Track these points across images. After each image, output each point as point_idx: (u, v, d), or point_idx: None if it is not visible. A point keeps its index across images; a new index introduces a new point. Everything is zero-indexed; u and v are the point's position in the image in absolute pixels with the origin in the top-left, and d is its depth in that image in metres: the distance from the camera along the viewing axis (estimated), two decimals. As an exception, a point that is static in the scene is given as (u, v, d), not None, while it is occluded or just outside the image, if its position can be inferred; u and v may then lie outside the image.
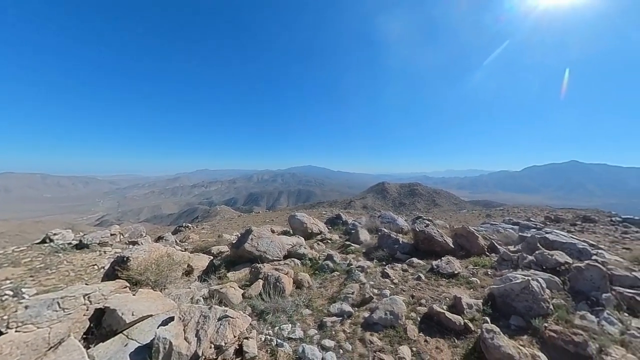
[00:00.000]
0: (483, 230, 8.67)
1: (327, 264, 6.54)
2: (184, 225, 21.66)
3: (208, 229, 19.80)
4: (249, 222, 20.95)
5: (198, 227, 20.97)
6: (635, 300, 4.05)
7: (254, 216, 28.67)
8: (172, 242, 13.07)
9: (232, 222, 24.72)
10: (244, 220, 24.19)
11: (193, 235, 15.87)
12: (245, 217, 28.74)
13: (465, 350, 3.41)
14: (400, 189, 55.38)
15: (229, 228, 19.87)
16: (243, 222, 22.62)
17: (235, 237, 11.99)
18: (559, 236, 6.22)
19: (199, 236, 16.11)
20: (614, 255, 5.70)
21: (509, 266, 5.32)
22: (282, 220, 20.04)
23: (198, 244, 12.16)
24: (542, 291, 4.03)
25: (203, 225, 22.36)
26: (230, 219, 29.82)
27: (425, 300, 4.54)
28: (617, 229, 9.74)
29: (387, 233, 7.57)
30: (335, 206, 41.64)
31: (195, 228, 20.61)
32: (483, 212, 23.77)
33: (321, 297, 5.16)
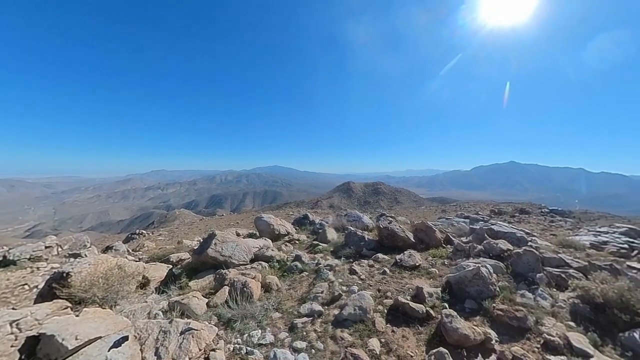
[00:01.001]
0: (439, 224, 9.39)
1: (296, 265, 6.48)
2: (138, 232, 19.74)
3: (166, 235, 18.32)
4: (212, 226, 19.87)
5: (154, 234, 19.29)
6: (561, 277, 4.72)
7: (217, 219, 27.25)
8: (124, 251, 11.81)
9: (193, 226, 23.22)
10: (207, 224, 22.86)
11: (148, 243, 14.53)
12: (207, 220, 27.16)
13: (428, 336, 3.64)
14: (365, 188, 57.52)
15: (190, 233, 18.62)
16: (205, 226, 21.36)
17: (197, 243, 11.28)
18: (501, 227, 7.02)
19: (155, 244, 14.81)
20: (544, 241, 6.60)
21: (462, 256, 5.82)
22: (248, 222, 19.39)
23: (154, 253, 11.16)
24: (490, 276, 4.48)
25: (160, 232, 20.63)
26: (190, 223, 27.97)
27: (390, 293, 4.74)
28: (545, 219, 11.30)
29: (353, 231, 7.77)
30: (302, 206, 41.58)
31: (151, 235, 18.92)
32: (439, 208, 25.76)
33: (291, 299, 5.10)
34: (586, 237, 8.07)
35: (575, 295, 4.20)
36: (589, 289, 4.07)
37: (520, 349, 3.24)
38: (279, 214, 21.73)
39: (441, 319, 3.64)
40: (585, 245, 7.11)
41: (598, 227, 9.44)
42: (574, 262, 5.37)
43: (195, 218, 39.45)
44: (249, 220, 20.49)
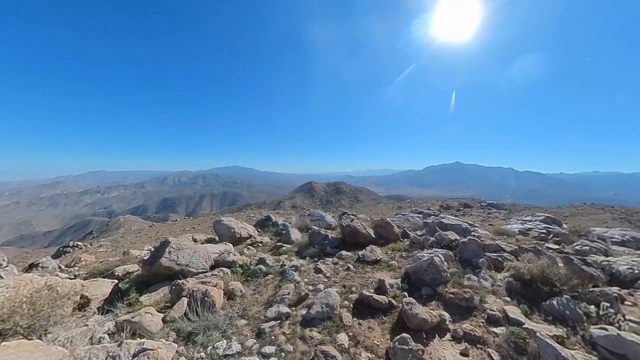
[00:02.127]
0: (397, 220, 10.03)
1: (260, 268, 6.31)
2: (72, 245, 17.10)
3: (108, 247, 16.22)
4: (165, 233, 18.21)
5: (94, 245, 16.92)
6: (498, 260, 5.42)
7: (170, 225, 25.01)
8: (54, 268, 10.13)
9: (141, 234, 20.97)
10: (158, 231, 20.85)
11: (87, 257, 12.68)
12: (159, 227, 24.73)
13: (392, 324, 3.86)
14: (327, 188, 58.50)
15: (138, 242, 16.78)
16: (157, 234, 19.46)
17: (148, 252, 10.22)
18: (450, 220, 7.79)
19: (95, 257, 13.00)
20: (484, 230, 7.51)
21: (418, 247, 6.30)
22: (206, 226, 18.21)
23: (95, 267, 9.79)
24: (442, 264, 4.93)
25: (101, 242, 18.19)
26: (139, 230, 25.21)
27: (355, 288, 4.91)
28: (484, 211, 12.91)
29: (317, 230, 7.84)
30: (264, 207, 40.55)
31: (90, 247, 16.57)
32: (396, 205, 27.49)
33: (256, 304, 4.95)
34: (515, 225, 9.41)
35: (509, 274, 4.87)
36: (519, 268, 4.75)
37: (469, 325, 3.65)
38: (240, 216, 20.88)
39: (402, 307, 3.89)
40: (515, 232, 8.29)
41: (524, 216, 11.09)
42: (507, 246, 6.21)
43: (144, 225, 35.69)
44: (207, 224, 19.25)
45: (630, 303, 4.60)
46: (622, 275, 5.43)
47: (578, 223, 12.84)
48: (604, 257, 6.54)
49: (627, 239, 8.41)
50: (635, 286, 5.22)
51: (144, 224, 36.81)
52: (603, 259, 6.29)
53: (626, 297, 4.73)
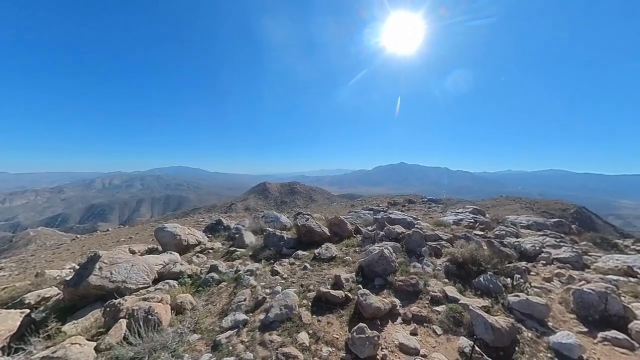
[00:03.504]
0: (350, 217, 10.51)
1: (212, 277, 5.94)
2: (-45, 274, 13.44)
3: (13, 268, 13.22)
4: (94, 246, 15.61)
5: (-11, 271, 13.59)
6: (437, 248, 6.12)
7: (100, 236, 21.48)
8: None
9: (61, 250, 17.58)
10: (84, 245, 17.74)
11: (-21, 286, 10.15)
12: (85, 239, 20.99)
13: (349, 316, 4.05)
14: (281, 188, 57.62)
15: (57, 260, 14.06)
16: (82, 248, 16.53)
17: (71, 271, 8.71)
18: (397, 215, 8.49)
19: (-7, 284, 10.48)
20: (425, 223, 8.38)
21: (370, 242, 6.71)
22: (146, 235, 16.20)
23: (-6, 297, 7.91)
24: (391, 255, 5.35)
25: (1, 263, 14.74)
26: (57, 246, 21.09)
27: (313, 286, 4.99)
28: (425, 206, 14.44)
29: (272, 232, 7.72)
30: (214, 211, 37.97)
31: (-17, 273, 13.26)
32: (348, 203, 28.62)
33: (210, 315, 4.66)
34: (450, 217, 10.72)
35: (446, 259, 5.55)
36: (454, 253, 5.46)
37: (417, 307, 4.06)
38: (187, 221, 19.16)
39: (358, 299, 4.11)
40: (450, 223, 9.45)
41: (457, 209, 12.72)
42: (444, 235, 7.05)
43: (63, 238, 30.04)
44: (147, 233, 17.15)
45: (534, 273, 5.68)
46: (528, 252, 6.68)
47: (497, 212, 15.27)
48: (515, 239, 7.94)
49: (530, 223, 10.34)
50: (536, 260, 6.46)
51: (64, 237, 31.02)
52: (514, 240, 7.63)
53: (531, 269, 5.83)
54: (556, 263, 6.24)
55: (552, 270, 5.79)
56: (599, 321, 3.87)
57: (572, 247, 7.06)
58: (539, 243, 7.36)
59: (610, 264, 6.22)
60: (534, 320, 3.83)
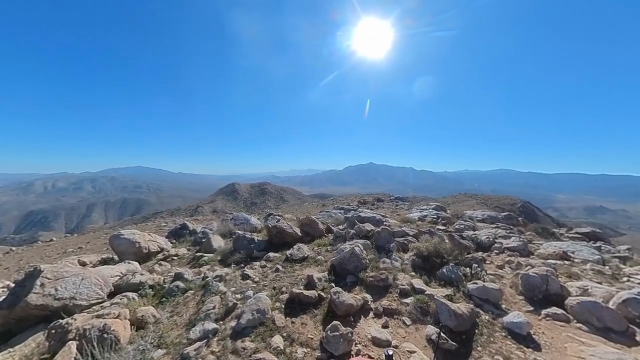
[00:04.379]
0: (321, 217, 10.61)
1: (177, 285, 5.59)
2: None
3: None
4: (34, 259, 13.64)
5: None
6: (404, 243, 6.44)
7: (42, 248, 18.78)
8: None
9: (-13, 269, 15.09)
10: (21, 258, 15.37)
11: None
12: (23, 252, 18.14)
13: (323, 315, 4.08)
14: (251, 189, 55.73)
15: (-18, 280, 12.05)
16: (19, 262, 14.35)
17: (5, 291, 7.56)
18: (366, 213, 8.78)
19: None
20: (393, 220, 8.77)
21: (341, 240, 6.84)
22: (100, 244, 14.58)
23: None
24: (362, 253, 5.51)
25: None
26: (-19, 265, 18.05)
27: (285, 288, 4.95)
28: (393, 204, 15.12)
29: (241, 234, 7.50)
30: (178, 214, 35.53)
31: None
32: (320, 203, 28.76)
33: (176, 327, 4.38)
34: (416, 214, 11.34)
35: (413, 254, 5.87)
36: (420, 247, 5.80)
37: (387, 301, 4.24)
38: (148, 227, 17.67)
39: (331, 297, 4.17)
40: (416, 219, 10.00)
41: (421, 206, 13.51)
42: (410, 231, 7.44)
43: (-9, 255, 25.81)
44: (100, 241, 15.45)
45: (489, 262, 6.25)
46: (483, 243, 7.32)
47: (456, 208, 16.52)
48: (472, 232, 8.66)
49: (485, 217, 11.36)
50: (491, 249, 7.12)
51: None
52: (472, 233, 8.32)
53: (486, 258, 6.41)
54: (507, 252, 6.94)
55: (504, 259, 6.44)
56: (542, 300, 4.40)
57: (519, 237, 7.90)
58: (493, 234, 8.12)
59: (549, 250, 7.08)
60: (490, 304, 4.23)
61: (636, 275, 5.62)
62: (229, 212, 19.55)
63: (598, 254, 6.96)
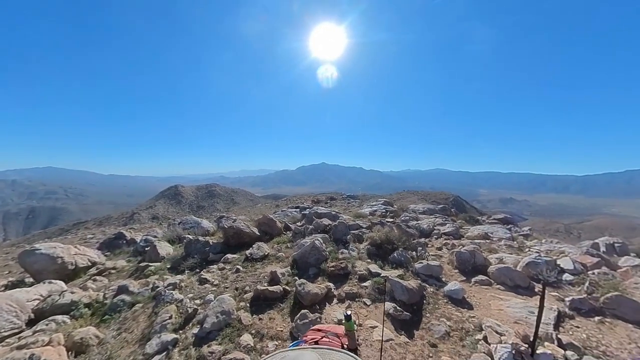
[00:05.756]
0: (277, 216, 10.67)
1: (122, 300, 5.10)
2: None
3: None
4: None
5: None
6: (359, 235, 7.03)
7: None
8: None
9: None
10: None
11: None
12: None
13: (290, 307, 4.27)
14: (198, 192, 50.92)
15: None
16: None
17: None
18: (322, 210, 9.17)
19: None
20: (347, 216, 9.39)
21: (300, 237, 7.08)
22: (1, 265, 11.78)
23: None
24: (322, 245, 5.85)
25: None
26: None
27: (249, 287, 4.96)
28: (345, 202, 15.98)
29: (194, 238, 7.14)
30: (109, 224, 30.63)
31: None
32: (273, 204, 28.29)
33: (127, 345, 4.04)
34: (367, 209, 12.27)
35: (367, 243, 6.46)
36: (373, 237, 6.42)
37: (348, 287, 4.64)
38: (68, 240, 14.97)
39: (296, 289, 4.39)
40: (367, 214, 10.85)
41: (371, 203, 14.64)
42: (364, 224, 8.10)
43: None
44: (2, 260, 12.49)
45: (430, 245, 7.24)
46: (425, 230, 8.41)
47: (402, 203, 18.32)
48: (416, 222, 9.80)
49: (425, 209, 12.94)
50: (431, 235, 8.22)
51: None
52: (415, 223, 9.43)
53: (428, 243, 7.41)
54: (443, 236, 8.13)
55: (442, 242, 7.55)
56: (472, 271, 5.39)
57: (452, 224, 9.32)
58: (432, 223, 9.37)
59: (475, 232, 8.52)
60: (434, 278, 5.01)
61: (534, 247, 7.25)
62: (172, 217, 17.51)
63: (509, 233, 8.68)
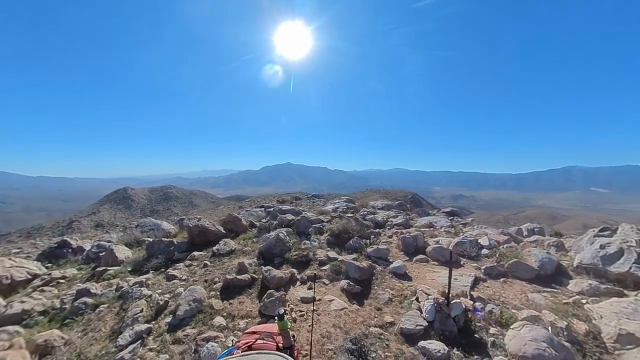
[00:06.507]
0: (242, 215, 11.01)
1: (84, 302, 5.15)
2: None
3: None
4: None
5: None
6: (320, 228, 7.81)
7: None
8: None
9: None
10: None
11: None
12: None
13: (257, 292, 4.83)
14: (151, 194, 46.78)
15: None
16: None
17: None
18: (287, 207, 9.75)
19: None
20: (310, 213, 10.14)
21: (265, 232, 7.62)
22: None
23: None
24: (286, 238, 6.49)
25: None
26: None
27: (218, 278, 5.39)
28: (310, 201, 16.78)
29: (157, 240, 7.23)
30: (40, 235, 27.05)
31: None
32: (237, 205, 27.77)
33: (96, 342, 4.22)
34: (330, 207, 13.16)
35: (328, 234, 7.27)
36: (332, 228, 7.25)
37: (309, 271, 5.37)
38: None
39: (263, 275, 4.97)
40: (330, 211, 11.72)
41: (335, 201, 15.63)
42: (325, 219, 8.92)
43: None
44: None
45: (383, 234, 8.30)
46: (380, 222, 9.51)
47: (363, 201, 19.73)
48: (373, 215, 10.93)
49: (383, 205, 14.28)
50: (385, 226, 9.34)
51: None
52: (372, 216, 10.53)
53: (381, 232, 8.47)
54: (395, 227, 9.31)
55: (393, 231, 8.68)
56: (414, 252, 6.51)
57: (404, 216, 10.63)
58: (386, 216, 10.58)
59: (422, 222, 9.88)
60: (382, 259, 5.97)
61: (468, 232, 8.74)
62: (120, 224, 16.04)
63: (450, 222, 10.21)
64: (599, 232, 5.68)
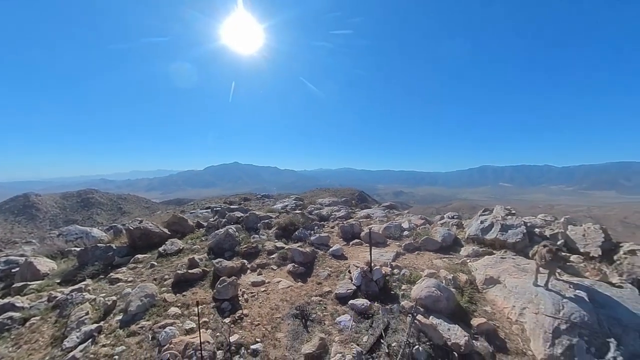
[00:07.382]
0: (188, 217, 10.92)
1: (10, 317, 4.88)
2: None
3: None
4: None
5: None
6: (269, 223, 8.48)
7: None
8: None
9: None
10: None
11: None
12: None
13: (210, 282, 5.29)
14: (64, 201, 38.72)
15: None
16: None
17: None
18: (235, 206, 10.10)
19: None
20: (260, 211, 10.69)
21: (215, 229, 7.93)
22: None
23: None
24: (235, 233, 7.00)
25: None
26: None
27: (168, 275, 5.63)
28: (260, 201, 17.19)
29: (91, 246, 6.94)
30: None
31: None
32: (177, 210, 25.94)
33: (36, 351, 4.16)
34: (279, 206, 13.84)
35: (276, 228, 7.99)
36: (279, 222, 8.01)
37: (259, 260, 6.07)
38: None
39: (214, 267, 5.46)
40: (279, 209, 12.41)
41: (284, 200, 16.33)
42: (274, 216, 9.59)
43: None
44: None
45: (326, 226, 9.36)
46: (324, 216, 10.58)
47: (312, 198, 20.81)
48: (319, 210, 11.98)
49: (330, 202, 15.54)
50: (329, 219, 10.45)
51: None
52: (318, 211, 11.57)
53: (325, 224, 9.53)
54: (338, 219, 10.51)
55: (336, 222, 9.84)
56: (351, 238, 7.72)
57: (346, 210, 11.96)
58: (331, 211, 11.76)
59: (362, 214, 11.31)
60: (323, 245, 6.98)
61: (398, 219, 10.39)
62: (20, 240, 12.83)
63: (385, 213, 11.87)
64: (482, 212, 7.69)
